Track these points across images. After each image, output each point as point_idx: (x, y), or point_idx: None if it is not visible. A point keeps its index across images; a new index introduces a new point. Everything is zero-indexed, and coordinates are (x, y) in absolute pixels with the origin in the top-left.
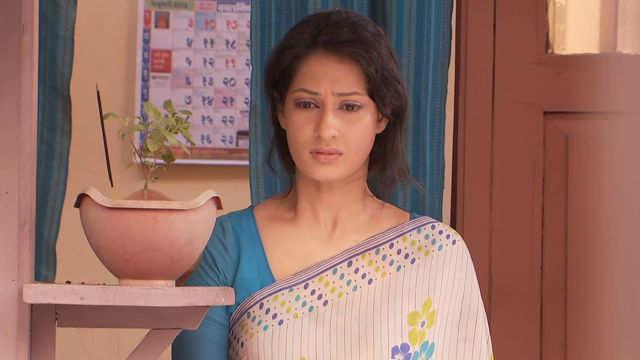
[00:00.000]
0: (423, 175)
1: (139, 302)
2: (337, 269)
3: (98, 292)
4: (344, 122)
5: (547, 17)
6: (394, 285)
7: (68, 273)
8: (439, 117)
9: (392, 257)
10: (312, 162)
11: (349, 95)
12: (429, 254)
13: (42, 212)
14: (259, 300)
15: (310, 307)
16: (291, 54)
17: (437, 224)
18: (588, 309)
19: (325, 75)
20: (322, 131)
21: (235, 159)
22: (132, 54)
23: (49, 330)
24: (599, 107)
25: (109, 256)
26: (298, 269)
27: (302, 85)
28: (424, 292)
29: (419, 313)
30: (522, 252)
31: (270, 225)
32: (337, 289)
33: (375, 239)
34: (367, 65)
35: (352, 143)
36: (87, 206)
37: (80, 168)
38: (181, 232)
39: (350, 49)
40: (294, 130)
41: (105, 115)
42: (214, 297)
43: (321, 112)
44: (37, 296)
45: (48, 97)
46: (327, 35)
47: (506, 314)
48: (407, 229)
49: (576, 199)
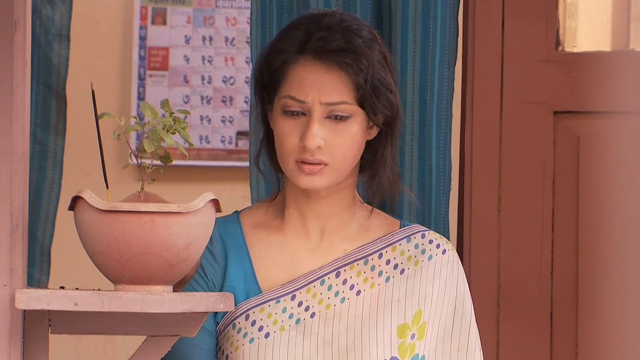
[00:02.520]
0: (429, 177)
1: (135, 308)
2: (324, 279)
3: (93, 298)
4: (331, 131)
5: (557, 13)
6: (383, 297)
7: (62, 277)
8: (446, 117)
9: (381, 267)
10: (296, 171)
11: (337, 104)
12: (419, 264)
13: (36, 215)
14: (244, 312)
15: (297, 320)
16: (279, 59)
17: (428, 232)
18: (600, 316)
19: (313, 83)
20: (307, 141)
21: (234, 160)
22: (128, 52)
23: (42, 337)
24: (611, 106)
25: (104, 261)
26: (285, 280)
27: (289, 92)
28: (414, 303)
29: (409, 325)
30: (532, 257)
31: (257, 232)
32: (325, 300)
33: (364, 249)
34: (356, 75)
35: (338, 153)
36: (82, 209)
37: (75, 169)
38: (179, 235)
39: (339, 58)
40: (280, 138)
41: (100, 115)
42: (213, 303)
43: (307, 120)
44: (29, 302)
45: (41, 96)
46: (317, 41)
47: (515, 321)
48: (396, 238)
49: (587, 202)
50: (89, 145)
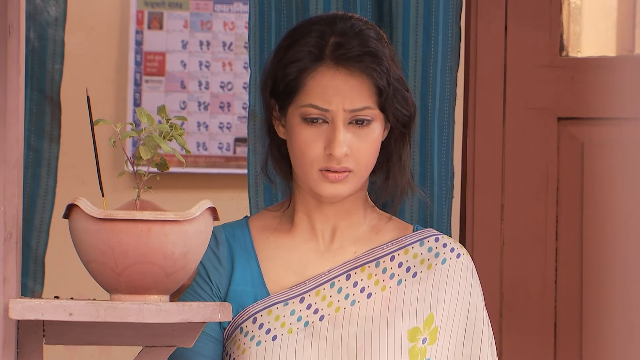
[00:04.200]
0: (431, 184)
1: (131, 319)
2: (335, 282)
3: (88, 308)
4: (355, 137)
5: (561, 17)
6: (394, 300)
7: (56, 287)
8: (448, 123)
9: (393, 270)
10: (320, 180)
11: (361, 110)
12: (432, 267)
13: (30, 223)
14: (252, 315)
15: (306, 322)
16: (296, 67)
17: (442, 236)
18: (605, 327)
19: (336, 91)
20: (335, 149)
21: (232, 167)
22: (123, 57)
23: (36, 348)
24: (616, 112)
25: (100, 270)
26: (294, 282)
27: (311, 101)
28: (425, 307)
29: (420, 329)
30: (535, 266)
31: (265, 236)
32: (335, 303)
33: (375, 251)
34: (380, 78)
35: (362, 159)
36: (77, 217)
37: (70, 177)
38: (176, 244)
39: (364, 64)
40: (301, 147)
41: (95, 121)
42: (210, 313)
43: (332, 128)
44: (23, 312)
45: (36, 102)
46: (336, 48)
47: (518, 332)
48: (409, 241)
49: (592, 210)
50: (84, 152)
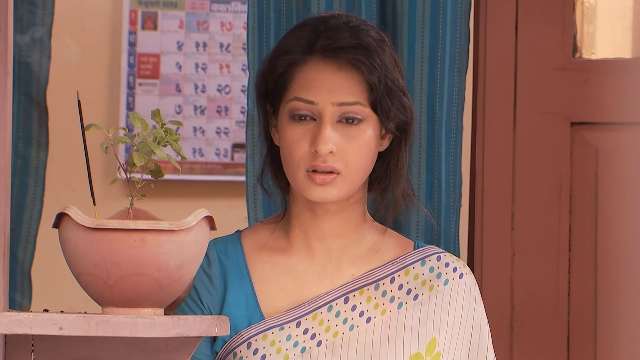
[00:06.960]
0: (438, 192)
1: (124, 333)
2: (332, 305)
3: (79, 322)
4: (343, 136)
5: (574, 17)
6: (395, 324)
7: (45, 300)
8: (456, 128)
9: (393, 292)
10: (307, 182)
11: (351, 105)
12: (434, 289)
13: (17, 233)
14: (246, 340)
15: (303, 348)
16: (286, 61)
17: (444, 254)
18: (620, 341)
19: (322, 83)
20: (319, 145)
21: (230, 174)
22: (116, 59)
23: None
24: (631, 117)
25: (91, 282)
26: (289, 305)
27: (297, 93)
28: (427, 331)
29: (422, 355)
30: (547, 277)
31: (259, 255)
32: (333, 327)
33: (374, 273)
34: (369, 73)
35: (351, 160)
36: (67, 226)
37: (59, 184)
38: (171, 255)
39: (351, 55)
40: (288, 146)
41: (86, 126)
42: (207, 327)
43: (318, 124)
44: (11, 326)
45: (23, 107)
46: (326, 40)
47: (529, 346)
48: (409, 260)
49: (607, 219)
50: (75, 159)
